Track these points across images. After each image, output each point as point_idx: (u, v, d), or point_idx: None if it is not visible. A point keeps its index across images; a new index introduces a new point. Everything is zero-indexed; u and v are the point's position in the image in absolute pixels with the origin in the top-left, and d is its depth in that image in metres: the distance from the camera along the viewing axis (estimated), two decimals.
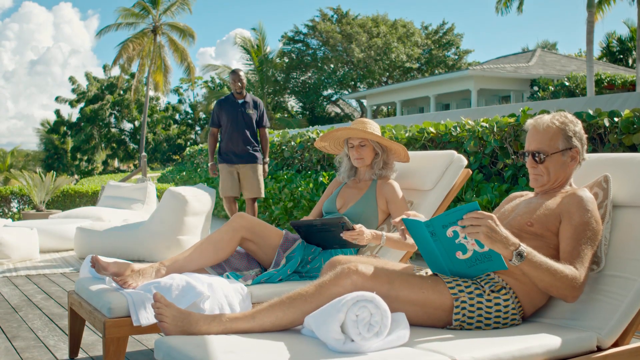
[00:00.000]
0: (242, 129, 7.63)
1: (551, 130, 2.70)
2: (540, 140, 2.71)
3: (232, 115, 7.66)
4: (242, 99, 7.76)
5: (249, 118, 7.69)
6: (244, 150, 7.60)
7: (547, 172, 2.71)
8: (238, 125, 7.64)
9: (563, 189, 2.74)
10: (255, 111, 7.79)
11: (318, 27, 39.66)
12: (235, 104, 7.73)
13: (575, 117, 2.75)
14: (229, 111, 7.70)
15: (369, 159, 3.91)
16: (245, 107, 7.74)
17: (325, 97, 42.55)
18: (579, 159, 2.72)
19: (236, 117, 7.65)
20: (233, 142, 7.62)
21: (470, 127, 6.71)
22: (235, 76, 7.76)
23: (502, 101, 28.55)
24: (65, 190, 13.24)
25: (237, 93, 7.74)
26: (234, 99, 7.77)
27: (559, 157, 2.70)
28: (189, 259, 3.38)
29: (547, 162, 2.70)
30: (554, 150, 2.69)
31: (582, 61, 29.86)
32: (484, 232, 2.25)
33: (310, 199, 8.57)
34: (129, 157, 48.94)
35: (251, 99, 7.84)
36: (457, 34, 41.58)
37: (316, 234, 3.53)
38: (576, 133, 2.70)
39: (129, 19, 36.91)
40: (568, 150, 2.69)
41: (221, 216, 12.30)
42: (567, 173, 2.73)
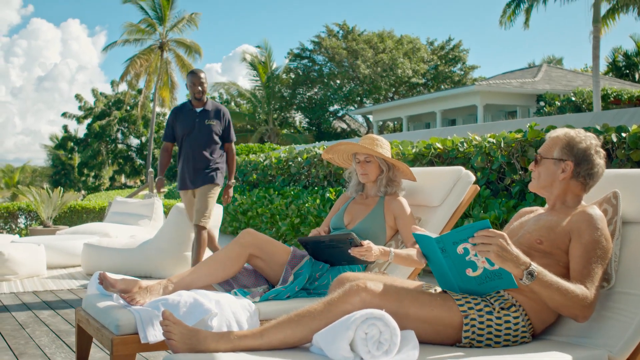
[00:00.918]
0: (199, 144, 6.31)
1: (554, 139, 2.75)
2: (544, 145, 2.78)
3: (188, 126, 6.35)
4: (202, 107, 6.41)
5: (209, 130, 6.33)
6: (200, 171, 6.32)
7: (538, 175, 2.76)
8: (194, 139, 6.32)
9: (568, 204, 2.73)
10: (218, 122, 6.40)
11: (324, 43, 39.82)
12: (192, 113, 6.38)
13: (591, 139, 2.72)
14: (184, 122, 6.38)
15: (374, 175, 3.91)
16: (205, 116, 6.36)
17: (332, 113, 42.64)
18: (574, 175, 2.69)
19: (192, 130, 6.33)
20: (188, 162, 6.35)
21: (477, 143, 6.70)
22: (195, 78, 6.35)
23: (509, 116, 28.54)
24: (72, 206, 13.27)
25: (195, 99, 6.39)
26: (191, 107, 6.42)
27: (550, 165, 2.72)
28: (196, 275, 3.38)
29: (540, 165, 2.75)
30: (548, 155, 2.73)
31: (588, 76, 29.85)
32: (495, 250, 2.24)
33: (317, 215, 8.56)
34: (135, 172, 49.05)
35: (213, 106, 6.45)
36: (463, 49, 41.69)
37: (324, 251, 3.52)
38: (575, 149, 2.68)
39: (135, 35, 37.10)
40: (560, 161, 2.70)
41: (228, 232, 12.30)
42: (561, 186, 2.71)
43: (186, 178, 6.37)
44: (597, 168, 2.70)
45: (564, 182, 2.71)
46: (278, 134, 38.87)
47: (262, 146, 21.67)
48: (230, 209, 11.85)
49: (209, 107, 6.42)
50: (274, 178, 12.03)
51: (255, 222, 10.79)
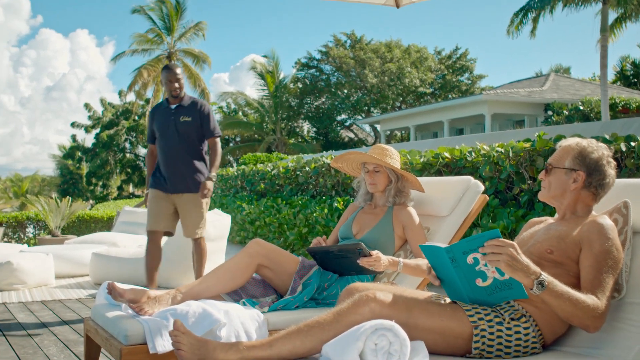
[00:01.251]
0: (177, 144, 5.78)
1: (566, 149, 2.73)
2: (555, 154, 2.76)
3: (163, 126, 5.84)
4: (177, 103, 5.87)
5: (185, 128, 5.78)
6: (180, 175, 5.78)
7: (549, 184, 2.74)
8: (171, 139, 5.79)
9: (579, 213, 2.72)
10: (195, 117, 5.83)
11: (331, 52, 39.92)
12: (167, 111, 5.86)
13: (602, 149, 2.71)
14: (159, 121, 5.89)
15: (382, 185, 3.91)
16: (180, 113, 5.82)
17: (339, 122, 42.68)
18: (585, 185, 2.68)
19: (167, 129, 5.81)
20: (168, 164, 5.82)
21: (485, 152, 6.69)
22: (170, 74, 5.80)
23: (516, 126, 28.50)
24: (80, 215, 13.31)
25: (171, 96, 5.86)
26: (167, 105, 5.90)
27: (561, 174, 2.70)
28: (205, 285, 3.38)
29: (550, 175, 2.73)
30: (559, 165, 2.72)
31: (596, 85, 29.81)
32: (505, 260, 2.23)
33: (325, 225, 8.55)
34: (143, 182, 49.09)
35: (190, 101, 5.90)
36: (471, 58, 41.72)
37: (333, 261, 3.51)
38: (587, 159, 2.67)
39: (143, 45, 37.27)
40: (572, 171, 2.68)
41: (235, 242, 12.30)
42: (572, 196, 2.70)
43: (164, 179, 5.81)
44: (609, 179, 2.69)
45: (575, 192, 2.70)
46: (286, 144, 38.92)
47: (269, 156, 21.70)
48: (238, 219, 11.86)
49: (185, 102, 5.89)
50: (282, 187, 12.03)
51: (263, 231, 10.79)
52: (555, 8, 22.10)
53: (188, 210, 5.79)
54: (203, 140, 5.89)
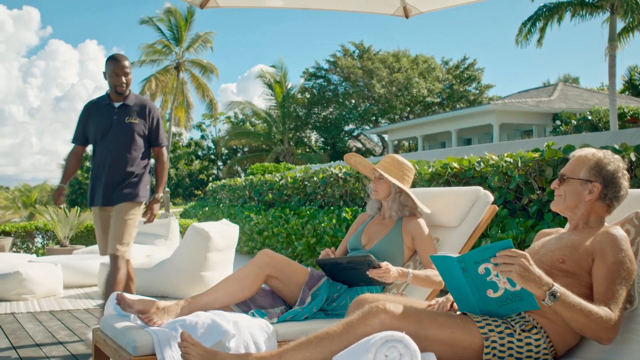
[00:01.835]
0: (117, 148, 4.96)
1: (581, 159, 2.71)
2: (569, 164, 2.75)
3: (102, 126, 5.00)
4: (121, 102, 5.05)
5: (129, 131, 4.99)
6: (118, 185, 4.97)
7: (563, 195, 2.72)
8: (111, 142, 4.97)
9: (591, 224, 2.70)
10: (142, 120, 5.07)
11: (339, 62, 40.01)
12: (109, 109, 5.03)
13: (618, 161, 2.70)
14: (98, 120, 5.04)
15: (382, 194, 3.92)
16: (125, 113, 5.02)
17: (347, 132, 42.73)
18: (601, 197, 2.66)
19: (108, 130, 4.98)
20: (102, 171, 4.99)
21: (494, 162, 6.67)
22: (117, 66, 4.97)
23: (524, 135, 28.46)
24: (89, 225, 13.32)
25: (115, 93, 5.02)
26: (108, 101, 5.06)
27: (576, 185, 2.68)
28: (214, 296, 3.37)
29: (565, 185, 2.71)
30: (574, 175, 2.69)
31: (605, 95, 29.74)
32: (517, 271, 2.22)
33: (333, 235, 8.54)
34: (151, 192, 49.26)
35: (136, 101, 5.10)
36: (478, 68, 41.72)
37: (342, 272, 3.50)
38: (603, 171, 2.66)
39: (152, 55, 37.44)
40: (587, 182, 2.66)
41: (243, 252, 12.30)
42: (586, 207, 2.69)
43: (99, 191, 5.02)
44: (623, 191, 2.68)
45: (590, 203, 2.68)
46: (293, 154, 38.98)
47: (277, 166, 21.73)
48: (246, 229, 11.86)
49: (131, 101, 5.07)
50: (290, 198, 12.03)
51: (271, 241, 10.78)
52: (563, 18, 22.08)
53: (115, 221, 4.92)
54: (149, 148, 5.16)
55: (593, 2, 21.64)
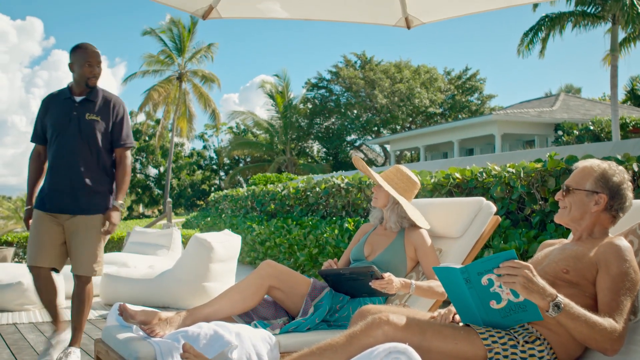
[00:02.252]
0: (73, 148, 4.37)
1: (587, 170, 2.70)
2: (574, 175, 2.73)
3: (61, 122, 4.40)
4: (83, 97, 4.46)
5: (91, 129, 4.39)
6: (75, 190, 4.36)
7: (569, 207, 2.70)
8: (69, 141, 4.37)
9: (595, 235, 2.69)
10: (105, 117, 4.47)
11: (341, 73, 40.09)
12: (69, 104, 4.44)
13: (623, 172, 2.70)
14: (56, 115, 4.44)
15: (380, 202, 3.93)
16: (86, 108, 4.43)
17: (349, 143, 42.79)
18: (607, 208, 2.66)
19: (67, 127, 4.38)
20: (59, 174, 4.39)
21: (496, 173, 6.67)
22: (90, 54, 4.44)
23: (527, 146, 28.47)
24: None
25: (83, 86, 4.45)
26: (69, 94, 4.47)
27: (582, 196, 2.67)
28: (216, 307, 3.36)
29: (570, 196, 2.70)
30: (579, 187, 2.68)
31: (607, 105, 29.77)
32: (521, 282, 2.21)
33: (336, 245, 8.53)
34: (153, 202, 49.29)
35: (101, 96, 4.51)
36: (480, 79, 41.79)
37: (344, 283, 3.50)
38: (609, 183, 2.65)
39: (154, 66, 37.59)
40: (593, 193, 2.66)
41: (246, 262, 12.28)
42: (591, 218, 2.68)
43: (54, 196, 4.39)
44: (628, 202, 2.67)
45: (595, 214, 2.67)
46: (295, 164, 39.01)
47: (279, 176, 21.74)
48: (249, 239, 11.85)
49: (95, 96, 4.47)
50: (292, 208, 12.03)
51: (273, 252, 10.77)
52: (564, 28, 22.14)
53: (84, 237, 4.39)
54: (112, 149, 4.54)
55: (594, 12, 21.71)
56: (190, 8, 4.36)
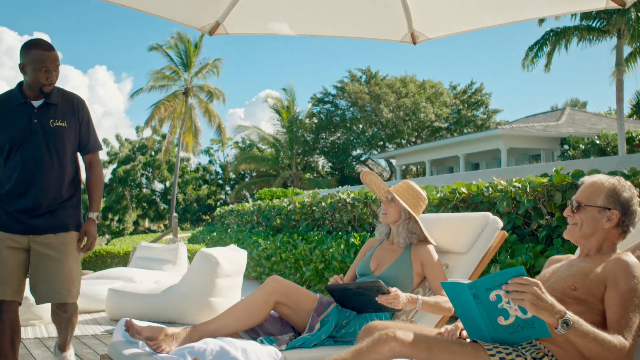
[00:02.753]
0: (38, 160, 3.80)
1: (596, 186, 2.69)
2: (583, 191, 2.71)
3: (18, 132, 3.78)
4: (42, 100, 3.86)
5: (57, 137, 3.85)
6: (43, 206, 3.84)
7: (580, 223, 2.68)
8: (32, 153, 3.79)
9: (603, 250, 2.68)
10: (72, 122, 3.93)
11: (347, 88, 40.18)
12: (26, 110, 3.83)
13: (632, 188, 2.69)
14: (12, 124, 3.79)
15: (392, 218, 3.91)
16: (49, 114, 3.85)
17: (355, 157, 42.79)
18: (619, 224, 2.65)
19: (27, 137, 3.79)
20: (21, 189, 3.81)
21: (502, 188, 6.66)
22: (47, 56, 3.77)
23: (532, 160, 28.43)
24: (97, 250, 13.34)
25: (37, 91, 3.82)
26: (24, 99, 3.84)
27: (594, 212, 2.65)
28: (222, 323, 3.36)
29: (581, 213, 2.67)
30: (591, 203, 2.66)
31: (612, 119, 29.76)
32: (529, 299, 2.20)
33: (342, 260, 8.52)
34: (159, 217, 49.30)
35: (61, 97, 3.93)
36: (486, 93, 41.81)
37: (351, 298, 3.49)
38: (621, 198, 2.64)
39: (161, 81, 37.77)
40: (605, 209, 2.64)
41: (251, 277, 12.26)
42: (602, 235, 2.67)
43: (18, 216, 3.81)
44: (638, 217, 2.66)
45: (607, 230, 2.66)
46: (301, 179, 39.01)
47: (285, 191, 21.75)
48: (254, 254, 11.84)
49: (55, 99, 3.88)
50: (298, 223, 12.02)
51: (279, 267, 10.76)
52: (570, 42, 22.18)
53: (61, 256, 3.87)
54: (76, 156, 4.02)
55: (600, 27, 21.74)
56: (197, 24, 4.39)
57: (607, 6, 3.82)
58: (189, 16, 4.37)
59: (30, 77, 3.79)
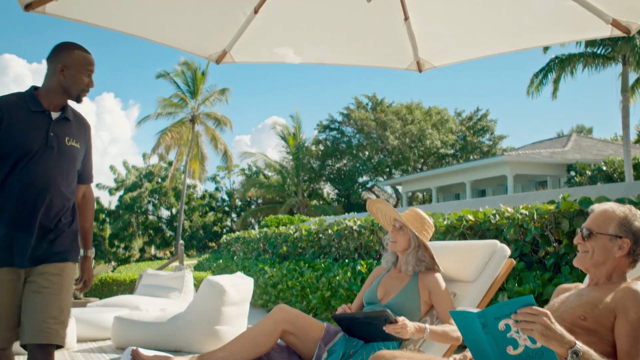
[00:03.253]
0: (50, 180, 3.26)
1: (608, 213, 2.67)
2: (594, 219, 2.69)
3: (32, 142, 3.22)
4: (59, 113, 3.36)
5: (69, 155, 3.37)
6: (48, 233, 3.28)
7: (591, 251, 2.66)
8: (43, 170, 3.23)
9: (612, 279, 2.66)
10: (83, 145, 3.50)
11: (353, 115, 40.33)
12: (44, 119, 3.28)
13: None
14: (24, 132, 3.21)
15: (401, 246, 3.89)
16: (65, 130, 3.36)
17: (361, 184, 42.83)
18: (629, 253, 2.64)
19: (41, 147, 3.23)
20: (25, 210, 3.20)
21: (509, 215, 6.64)
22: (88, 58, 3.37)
23: (539, 187, 28.40)
24: (103, 278, 13.32)
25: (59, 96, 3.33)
26: (41, 107, 3.29)
27: (605, 241, 2.64)
28: (229, 352, 3.35)
29: (592, 241, 2.65)
30: (602, 231, 2.64)
31: (619, 145, 29.75)
32: (539, 329, 2.19)
33: (348, 288, 8.48)
34: (165, 244, 49.29)
35: (73, 114, 3.46)
36: (491, 119, 41.90)
37: (358, 327, 3.47)
38: (632, 227, 2.63)
39: (168, 109, 37.99)
40: (617, 238, 2.63)
41: (258, 305, 12.22)
42: (613, 263, 2.65)
43: (21, 245, 3.19)
44: None
45: (618, 259, 2.65)
46: (307, 206, 39.00)
47: (291, 218, 21.73)
48: (261, 282, 11.81)
49: (70, 115, 3.43)
50: (304, 250, 12.00)
51: (285, 295, 10.72)
52: (575, 69, 22.25)
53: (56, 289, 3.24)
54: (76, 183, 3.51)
55: (605, 54, 21.82)
56: (204, 53, 4.42)
57: (612, 34, 3.84)
58: (196, 45, 4.41)
59: (71, 79, 3.31)
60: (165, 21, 4.15)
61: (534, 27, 4.20)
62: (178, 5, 4.01)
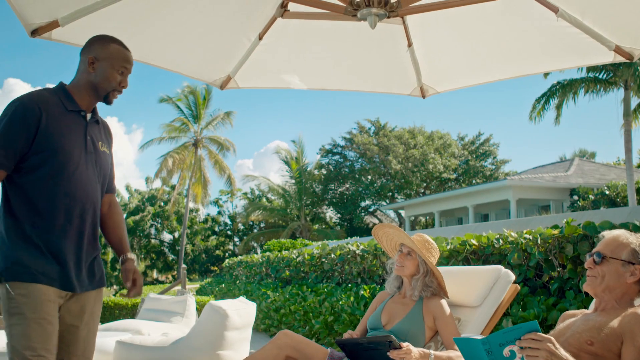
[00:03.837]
0: (91, 189, 2.92)
1: (620, 240, 2.68)
2: (607, 244, 2.70)
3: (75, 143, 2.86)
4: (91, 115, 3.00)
5: (103, 162, 3.03)
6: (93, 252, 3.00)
7: (602, 276, 2.65)
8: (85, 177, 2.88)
9: (620, 305, 2.66)
10: (110, 151, 3.15)
11: (355, 139, 40.42)
12: (80, 119, 2.93)
13: None
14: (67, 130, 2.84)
15: (409, 270, 3.88)
16: (97, 134, 3.03)
17: (363, 208, 42.82)
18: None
19: (82, 153, 2.88)
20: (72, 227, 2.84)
21: (513, 239, 6.63)
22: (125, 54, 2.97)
23: (542, 211, 28.37)
24: (104, 302, 13.28)
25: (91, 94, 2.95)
26: (77, 106, 2.92)
27: (617, 266, 2.64)
28: None
29: (603, 265, 2.65)
30: (615, 256, 2.65)
31: (622, 169, 29.76)
32: (544, 355, 2.18)
33: (351, 313, 8.45)
34: (168, 268, 49.21)
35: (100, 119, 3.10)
36: (494, 143, 41.96)
37: (362, 353, 3.46)
38: None
39: (171, 133, 38.14)
40: (629, 264, 2.63)
41: (260, 330, 12.16)
42: (623, 289, 2.65)
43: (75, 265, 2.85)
44: None
45: (628, 285, 2.65)
46: (310, 230, 38.97)
47: (294, 242, 21.70)
48: (263, 306, 11.76)
49: (98, 118, 3.08)
50: (307, 275, 11.96)
51: (288, 319, 10.67)
52: (577, 94, 22.33)
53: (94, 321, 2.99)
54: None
55: (606, 79, 21.91)
56: (209, 78, 4.46)
57: (615, 60, 3.86)
58: (200, 71, 4.44)
59: (101, 74, 2.91)
60: (170, 47, 4.19)
61: (538, 53, 4.24)
62: (182, 31, 4.05)
